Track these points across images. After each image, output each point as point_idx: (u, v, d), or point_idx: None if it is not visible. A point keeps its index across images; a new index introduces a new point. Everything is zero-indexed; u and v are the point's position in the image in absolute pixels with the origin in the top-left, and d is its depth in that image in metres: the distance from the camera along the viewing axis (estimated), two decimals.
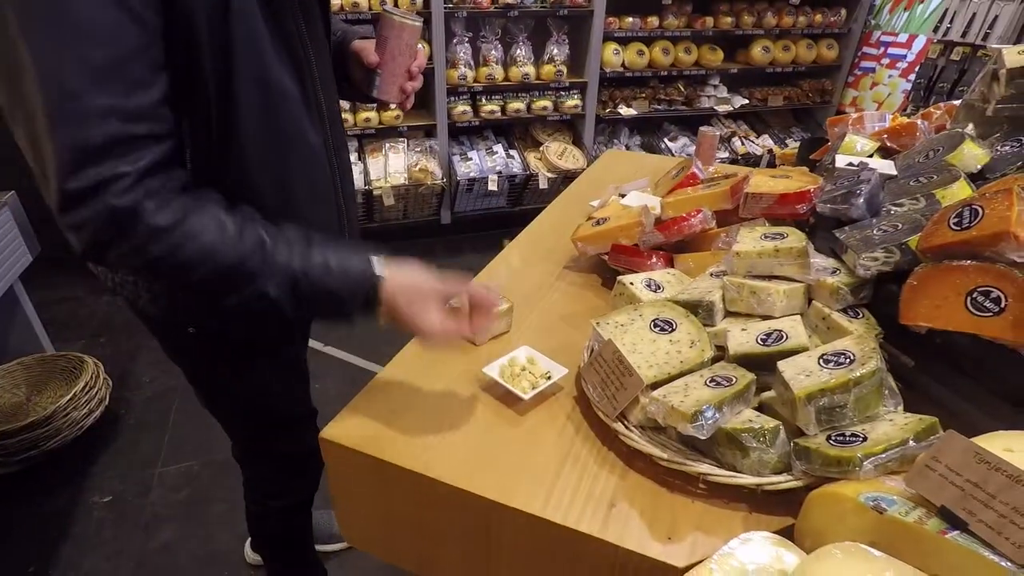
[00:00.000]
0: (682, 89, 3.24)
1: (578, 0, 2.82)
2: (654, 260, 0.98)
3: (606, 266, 1.07)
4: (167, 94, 0.61)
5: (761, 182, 0.99)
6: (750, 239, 0.84)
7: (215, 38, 0.63)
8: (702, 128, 1.52)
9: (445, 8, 2.64)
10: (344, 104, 1.91)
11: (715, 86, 3.31)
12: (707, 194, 1.03)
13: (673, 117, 3.35)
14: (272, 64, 0.70)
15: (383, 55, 0.88)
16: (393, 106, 1.73)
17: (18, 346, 1.95)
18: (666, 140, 3.32)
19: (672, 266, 0.99)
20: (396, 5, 2.58)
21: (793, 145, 3.38)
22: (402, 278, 0.69)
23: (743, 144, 3.36)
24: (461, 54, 2.82)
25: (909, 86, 3.05)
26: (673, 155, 3.24)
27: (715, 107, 3.31)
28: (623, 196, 1.23)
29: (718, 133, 1.84)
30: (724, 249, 0.88)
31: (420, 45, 0.91)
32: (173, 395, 2.04)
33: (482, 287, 0.74)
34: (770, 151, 3.29)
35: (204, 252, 0.62)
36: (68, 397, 1.74)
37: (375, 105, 2.75)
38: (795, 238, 0.81)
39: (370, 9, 2.55)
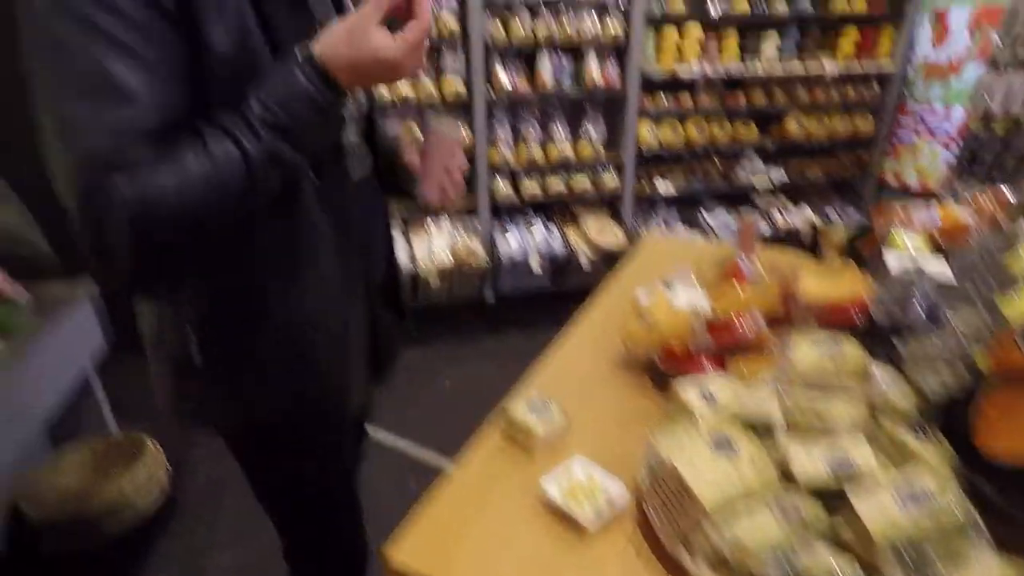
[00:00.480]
0: (718, 164, 3.30)
1: (612, 84, 2.96)
2: (706, 365, 0.99)
3: (656, 365, 1.07)
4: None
5: (811, 285, 1.00)
6: (805, 348, 0.84)
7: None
8: (741, 216, 1.55)
9: (487, 96, 2.80)
10: None
11: (751, 161, 3.36)
12: (756, 297, 1.04)
13: (711, 192, 3.39)
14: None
15: (425, 159, 0.94)
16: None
17: (86, 427, 2.05)
18: (704, 215, 3.35)
19: (724, 368, 0.99)
20: (442, 101, 2.75)
21: (835, 221, 3.37)
22: (325, 36, 0.67)
23: (783, 217, 3.35)
24: (501, 135, 2.96)
25: (951, 156, 3.03)
26: (712, 230, 3.26)
27: (752, 181, 3.34)
28: (668, 286, 1.24)
29: (757, 221, 1.86)
30: (777, 355, 0.88)
31: (462, 131, 0.98)
32: (229, 483, 2.07)
33: None
34: (813, 228, 3.29)
35: (179, 180, 0.61)
36: (130, 482, 1.80)
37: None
38: (853, 352, 0.81)
39: (418, 101, 2.72)
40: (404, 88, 2.67)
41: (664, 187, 3.24)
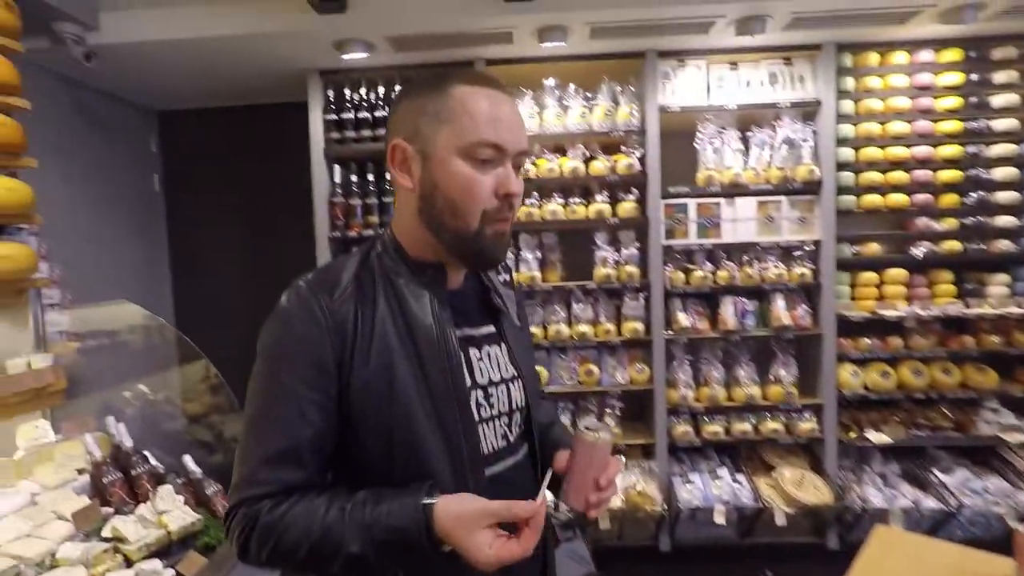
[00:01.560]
0: (948, 413, 2.78)
1: (803, 325, 2.78)
2: None
3: None
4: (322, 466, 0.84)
5: None
6: None
7: (380, 429, 0.83)
8: (1016, 528, 1.20)
9: (665, 336, 2.80)
10: None
11: (995, 410, 2.78)
12: None
13: (942, 445, 2.82)
14: (429, 454, 0.84)
15: (571, 466, 0.92)
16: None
17: None
18: (936, 472, 2.75)
19: None
20: (621, 340, 2.81)
21: None
22: (450, 503, 0.77)
23: None
24: (681, 375, 2.86)
25: None
26: (951, 493, 2.63)
27: (1000, 434, 2.72)
28: None
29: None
30: None
31: (612, 436, 0.93)
32: None
33: (528, 503, 0.77)
34: None
35: (301, 535, 0.77)
36: None
37: None
38: None
39: (596, 341, 2.80)
40: (582, 326, 2.79)
41: (877, 437, 2.78)
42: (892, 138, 2.72)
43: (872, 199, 2.74)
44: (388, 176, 2.80)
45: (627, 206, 2.76)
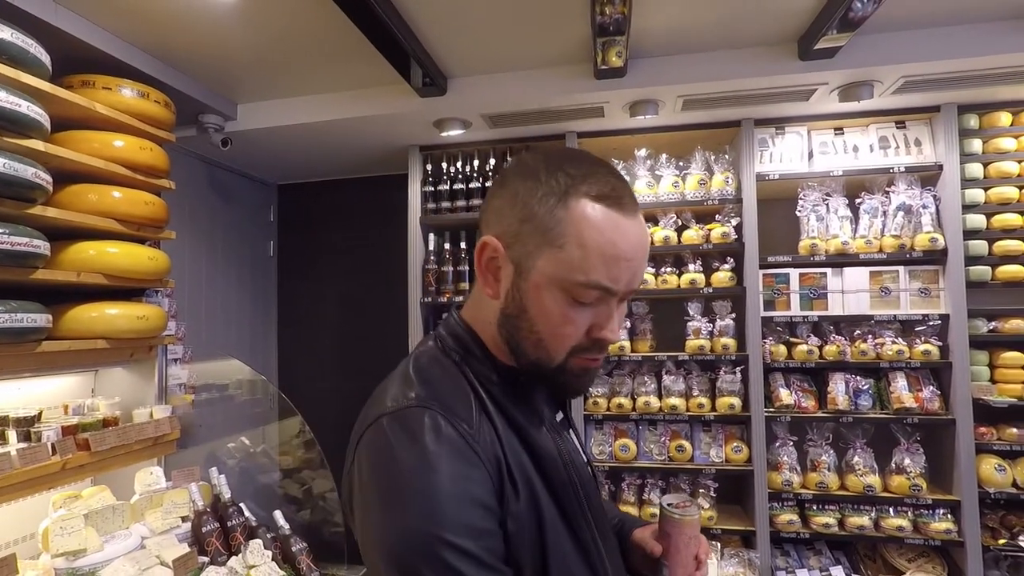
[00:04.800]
0: None
1: (931, 407, 2.47)
2: None
3: None
4: None
5: None
6: None
7: (536, 570, 0.70)
8: None
9: (766, 412, 2.58)
10: None
11: None
12: None
13: None
14: None
15: (668, 547, 0.89)
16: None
17: None
18: None
19: None
20: (715, 415, 2.64)
21: None
22: None
23: None
24: (785, 457, 2.61)
25: None
26: None
27: None
28: None
29: None
30: None
31: (700, 512, 0.96)
32: None
33: None
34: None
35: None
36: None
37: None
38: None
39: (687, 411, 2.65)
40: (673, 399, 2.65)
41: None
42: None
43: (1012, 270, 2.44)
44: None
45: (722, 276, 2.65)
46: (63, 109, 1.74)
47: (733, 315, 2.68)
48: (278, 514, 1.96)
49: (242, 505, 1.99)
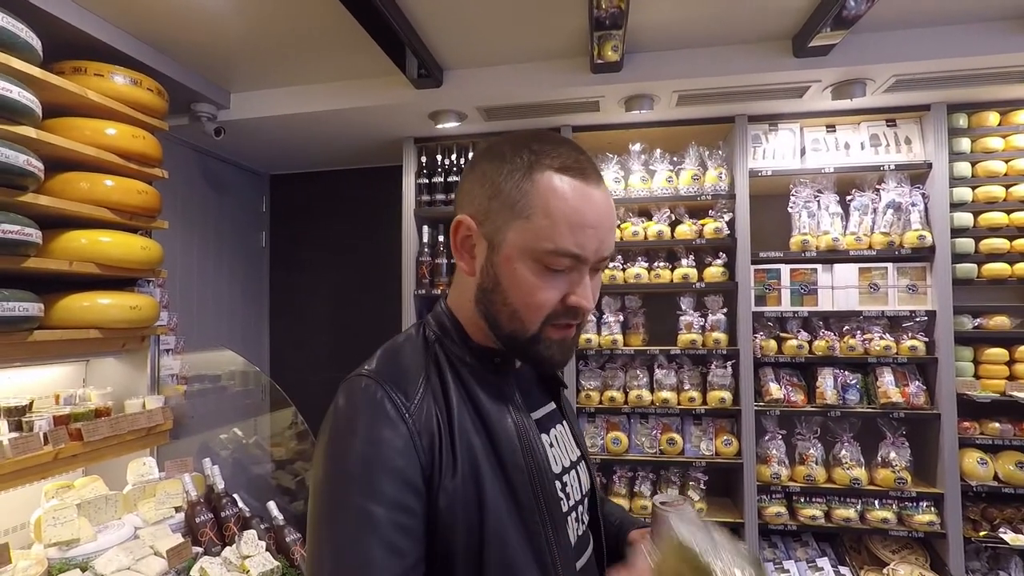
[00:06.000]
0: None
1: (917, 402, 2.51)
2: None
3: None
4: None
5: None
6: None
7: (470, 551, 0.70)
8: None
9: (756, 406, 2.62)
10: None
11: None
12: None
13: None
14: (521, 572, 0.72)
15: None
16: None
17: None
18: None
19: None
20: (707, 409, 2.66)
21: None
22: None
23: None
24: (773, 451, 2.65)
25: None
26: None
27: None
28: None
29: None
30: None
31: (697, 517, 0.90)
32: None
33: None
34: None
35: None
36: None
37: None
38: None
39: (679, 405, 2.68)
40: (664, 393, 2.68)
41: (1014, 538, 2.40)
42: (1020, 202, 2.48)
43: (997, 267, 2.49)
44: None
45: (714, 271, 2.67)
46: (54, 95, 1.71)
47: (725, 310, 2.70)
48: (272, 505, 1.96)
49: (235, 496, 1.99)
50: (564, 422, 0.91)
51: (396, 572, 0.65)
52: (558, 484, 0.81)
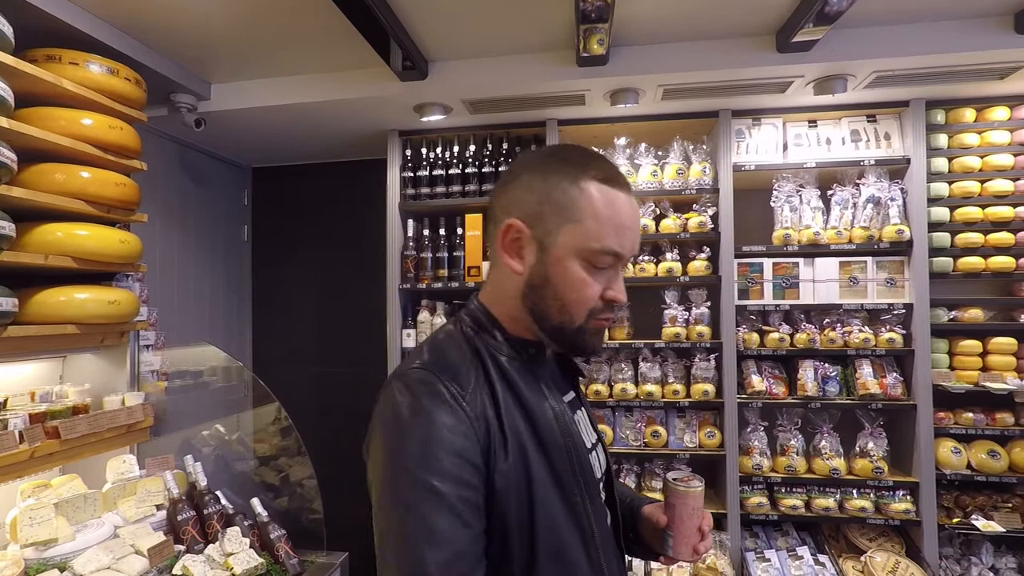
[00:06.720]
0: None
1: (893, 395, 2.57)
2: None
3: None
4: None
5: None
6: None
7: (522, 526, 0.78)
8: None
9: (738, 399, 2.65)
10: None
11: None
12: None
13: None
14: (567, 541, 0.81)
15: (672, 519, 0.97)
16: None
17: None
18: None
19: None
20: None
21: None
22: None
23: None
24: (755, 442, 2.69)
25: None
26: None
27: None
28: None
29: None
30: None
31: (702, 485, 0.99)
32: None
33: None
34: None
35: None
36: None
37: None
38: None
39: (663, 397, 2.70)
40: (649, 386, 2.70)
41: (985, 524, 2.47)
42: (994, 197, 2.54)
43: (972, 261, 2.54)
44: (458, 232, 2.89)
45: (698, 265, 2.69)
46: (28, 84, 1.67)
47: (708, 303, 2.73)
48: (255, 501, 1.95)
49: (218, 493, 1.97)
50: (583, 408, 1.01)
51: (462, 540, 0.72)
52: (591, 457, 0.91)
